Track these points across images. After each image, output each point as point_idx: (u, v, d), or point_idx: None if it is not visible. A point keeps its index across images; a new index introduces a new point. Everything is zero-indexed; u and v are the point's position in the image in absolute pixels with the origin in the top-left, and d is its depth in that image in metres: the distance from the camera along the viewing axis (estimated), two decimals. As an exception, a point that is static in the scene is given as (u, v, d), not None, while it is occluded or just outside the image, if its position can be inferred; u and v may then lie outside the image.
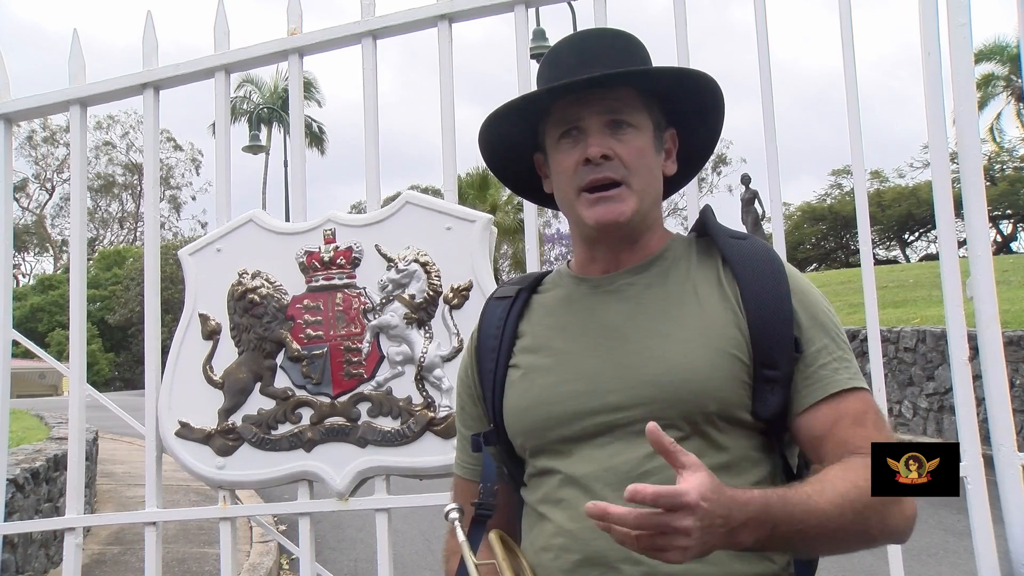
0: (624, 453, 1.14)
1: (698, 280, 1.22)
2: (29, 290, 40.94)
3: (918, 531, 1.19)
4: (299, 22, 2.63)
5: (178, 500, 7.20)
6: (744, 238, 1.26)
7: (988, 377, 2.21)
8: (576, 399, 1.18)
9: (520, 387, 1.23)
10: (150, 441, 2.59)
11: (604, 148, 1.18)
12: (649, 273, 1.24)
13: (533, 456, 1.21)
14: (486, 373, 1.27)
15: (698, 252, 1.26)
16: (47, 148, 44.75)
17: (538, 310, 1.29)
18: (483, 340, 1.30)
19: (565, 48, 1.26)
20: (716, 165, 39.68)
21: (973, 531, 2.19)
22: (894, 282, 14.36)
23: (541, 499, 1.19)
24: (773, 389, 1.15)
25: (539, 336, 1.26)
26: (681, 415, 1.14)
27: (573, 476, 1.16)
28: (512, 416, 1.23)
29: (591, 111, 1.20)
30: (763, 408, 1.15)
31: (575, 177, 1.21)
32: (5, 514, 2.74)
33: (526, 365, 1.24)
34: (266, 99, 33.14)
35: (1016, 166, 30.23)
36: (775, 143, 2.38)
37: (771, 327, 1.16)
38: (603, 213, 1.19)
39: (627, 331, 1.20)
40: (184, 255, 2.66)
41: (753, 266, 1.21)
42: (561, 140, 1.22)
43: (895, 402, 9.52)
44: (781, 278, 1.20)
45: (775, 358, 1.15)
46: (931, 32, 2.29)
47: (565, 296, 1.28)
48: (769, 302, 1.17)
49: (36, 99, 2.83)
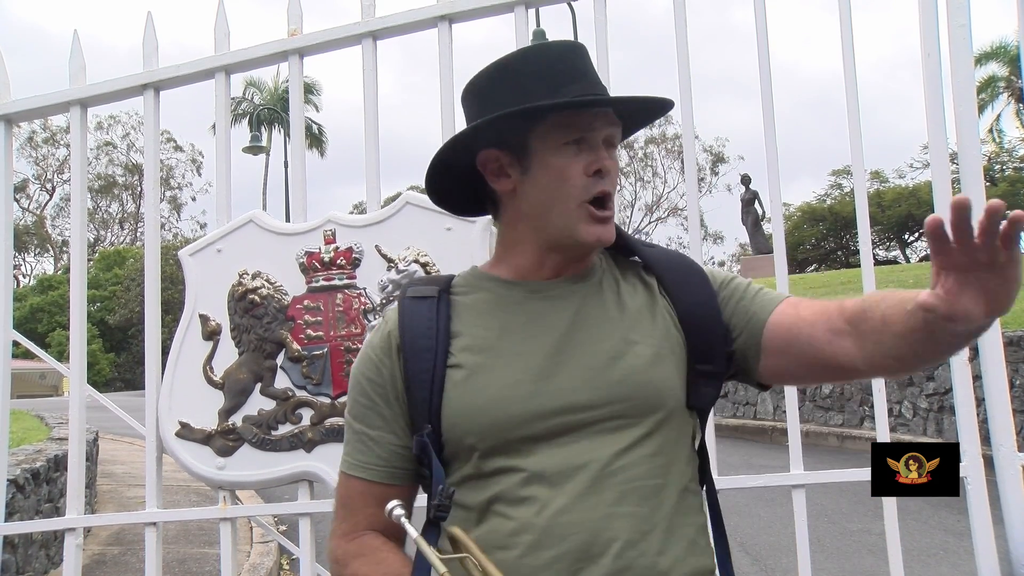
0: (592, 451, 1.17)
1: (634, 290, 1.29)
2: (29, 291, 40.97)
3: (918, 531, 1.20)
4: (299, 23, 2.63)
5: (178, 500, 7.20)
6: (655, 247, 1.36)
7: (988, 377, 2.21)
8: (537, 398, 1.19)
9: (470, 387, 1.22)
10: (150, 442, 2.60)
11: (613, 163, 1.25)
12: (588, 282, 1.28)
13: (485, 456, 1.20)
14: (419, 373, 1.24)
15: (618, 263, 1.33)
16: (47, 149, 44.82)
17: (466, 311, 1.28)
18: (411, 339, 1.26)
19: (555, 56, 1.26)
20: (714, 164, 39.69)
21: (973, 531, 2.19)
22: (894, 282, 14.35)
23: (494, 498, 1.19)
24: (707, 382, 1.26)
25: (479, 337, 1.25)
26: (644, 413, 1.20)
27: (540, 473, 1.17)
28: (462, 416, 1.21)
29: (600, 125, 1.23)
30: (699, 399, 1.26)
31: (582, 187, 1.22)
32: (5, 515, 2.75)
33: (471, 365, 1.23)
34: (266, 100, 33.16)
35: (1016, 167, 30.24)
36: (775, 144, 2.38)
37: (704, 325, 1.26)
38: (603, 233, 1.23)
39: (582, 333, 1.23)
40: (184, 256, 2.67)
41: (677, 271, 1.31)
42: (566, 146, 1.22)
43: (895, 402, 9.52)
44: (704, 279, 1.30)
45: (710, 354, 1.25)
46: (931, 33, 2.29)
47: (496, 299, 1.28)
48: (699, 302, 1.27)
49: (36, 100, 2.83)
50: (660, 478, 1.18)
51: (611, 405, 1.19)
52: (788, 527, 2.62)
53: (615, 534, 1.13)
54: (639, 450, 1.18)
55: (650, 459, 1.18)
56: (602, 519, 1.14)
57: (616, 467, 1.16)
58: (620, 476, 1.16)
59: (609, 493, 1.15)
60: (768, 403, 11.62)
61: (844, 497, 6.83)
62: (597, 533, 1.13)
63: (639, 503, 1.16)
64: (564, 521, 1.13)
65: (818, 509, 6.37)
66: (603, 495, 1.14)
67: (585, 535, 1.13)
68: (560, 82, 1.22)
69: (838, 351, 1.19)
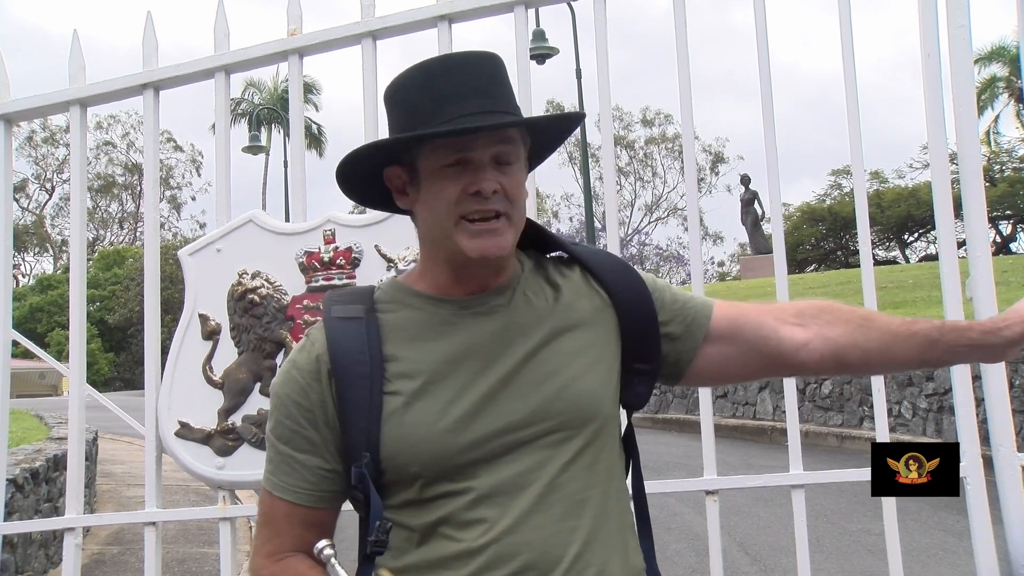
0: (537, 468, 1.18)
1: (560, 293, 1.28)
2: (28, 290, 40.96)
3: (918, 532, 1.20)
4: (299, 23, 2.63)
5: (178, 500, 7.20)
6: (580, 244, 1.37)
7: (988, 377, 2.21)
8: (478, 422, 1.18)
9: (409, 416, 1.19)
10: (150, 441, 2.60)
11: (495, 184, 1.20)
12: (513, 294, 1.27)
13: (430, 483, 1.19)
14: (355, 401, 1.20)
15: (543, 265, 1.32)
16: (47, 148, 44.81)
17: (397, 333, 1.25)
18: (344, 365, 1.22)
19: (439, 73, 1.24)
20: (714, 164, 39.69)
21: (972, 532, 2.20)
22: (894, 283, 14.38)
23: (440, 520, 1.18)
24: (642, 380, 1.29)
25: (414, 360, 1.22)
26: (582, 424, 1.21)
27: (486, 495, 1.17)
28: (404, 446, 1.19)
29: (483, 144, 1.20)
30: (634, 398, 1.29)
31: (457, 206, 1.20)
32: (5, 514, 2.74)
33: (408, 392, 1.20)
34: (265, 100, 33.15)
35: (1016, 167, 30.24)
36: (775, 145, 2.38)
37: (640, 323, 1.28)
38: (487, 246, 1.20)
39: (514, 350, 1.22)
40: (184, 255, 2.67)
41: (614, 271, 1.32)
42: (446, 168, 1.21)
43: (895, 402, 9.52)
44: (637, 276, 1.32)
45: (646, 353, 1.28)
46: (931, 34, 2.30)
47: (424, 318, 1.26)
48: (635, 300, 1.29)
49: (36, 99, 2.83)
50: (600, 487, 1.21)
51: (549, 420, 1.19)
52: (787, 527, 2.62)
53: (563, 550, 1.15)
54: (580, 461, 1.19)
55: (591, 469, 1.20)
56: (550, 536, 1.15)
57: (560, 481, 1.18)
58: (564, 490, 1.17)
59: (556, 508, 1.16)
60: (768, 403, 11.62)
61: (844, 497, 6.83)
62: (546, 551, 1.15)
63: (584, 515, 1.18)
64: (512, 541, 1.14)
65: (818, 509, 6.37)
66: (550, 511, 1.16)
67: (533, 554, 1.14)
68: (447, 102, 1.21)
69: (784, 339, 1.30)
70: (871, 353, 1.29)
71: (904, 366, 1.31)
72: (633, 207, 40.82)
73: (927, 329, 1.28)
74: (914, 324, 1.29)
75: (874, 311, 1.33)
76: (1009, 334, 1.26)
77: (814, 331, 1.29)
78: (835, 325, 1.29)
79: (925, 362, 1.32)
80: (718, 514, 2.33)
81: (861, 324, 1.29)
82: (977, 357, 1.33)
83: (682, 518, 6.57)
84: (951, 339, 1.27)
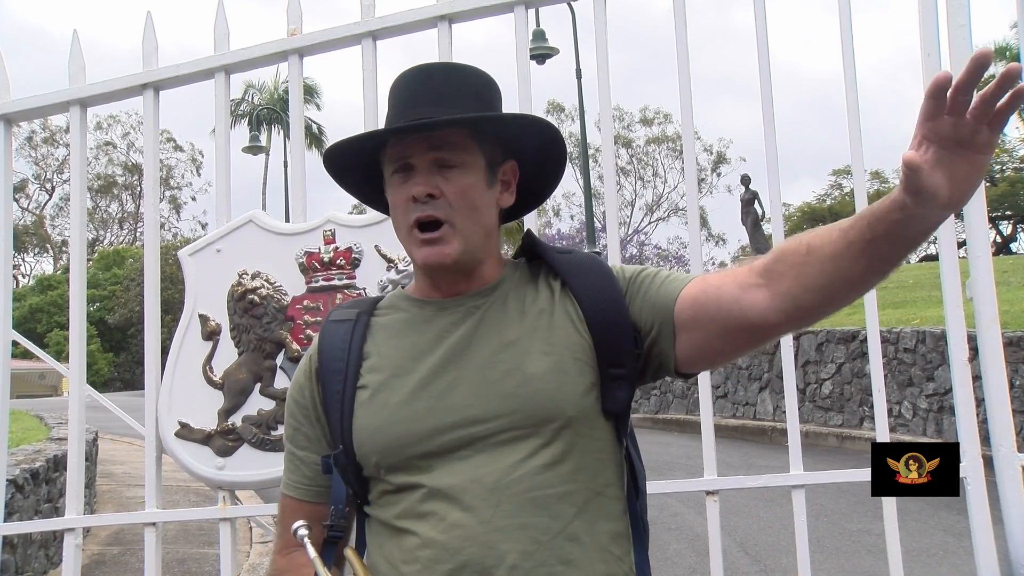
0: (489, 464, 1.18)
1: (538, 297, 1.29)
2: (28, 291, 40.95)
3: (918, 532, 1.20)
4: (299, 23, 2.63)
5: (178, 500, 7.20)
6: (570, 252, 1.34)
7: (988, 378, 2.21)
8: (433, 415, 1.21)
9: (371, 407, 1.24)
10: (150, 442, 2.60)
11: (429, 187, 1.22)
12: (491, 297, 1.29)
13: (389, 473, 1.23)
14: (332, 395, 1.28)
15: (531, 273, 1.33)
16: (47, 149, 44.77)
17: (381, 332, 1.30)
18: (327, 362, 1.30)
19: (401, 83, 1.29)
20: (715, 165, 39.69)
21: (973, 532, 2.20)
22: (894, 283, 14.35)
23: (400, 514, 1.21)
24: (620, 385, 1.25)
25: (385, 356, 1.27)
26: (539, 423, 1.20)
27: (439, 489, 1.18)
28: (365, 435, 1.24)
29: (419, 149, 1.23)
30: (613, 404, 1.25)
31: (405, 214, 1.25)
32: (5, 515, 2.74)
33: (375, 385, 1.25)
34: (265, 100, 33.16)
35: (1016, 167, 30.24)
36: (775, 145, 2.38)
37: (612, 329, 1.25)
38: (429, 255, 1.24)
39: (478, 348, 1.24)
40: (184, 256, 2.67)
41: (585, 276, 1.29)
42: (394, 175, 1.26)
43: (895, 403, 9.52)
44: (611, 282, 1.28)
45: (620, 358, 1.25)
46: (931, 34, 2.30)
47: (408, 318, 1.30)
48: (606, 307, 1.26)
49: (36, 100, 2.83)
50: (562, 486, 1.19)
51: (503, 418, 1.20)
52: (788, 527, 2.62)
53: (509, 547, 1.15)
54: (536, 460, 1.19)
55: (550, 468, 1.19)
56: (495, 532, 1.15)
57: (512, 479, 1.17)
58: (516, 488, 1.17)
59: (506, 506, 1.16)
60: (768, 403, 11.62)
61: (844, 497, 6.83)
62: (490, 546, 1.15)
63: (537, 513, 1.17)
64: (458, 535, 1.16)
65: (818, 509, 6.37)
66: (499, 508, 1.16)
67: (477, 548, 1.15)
68: (404, 108, 1.25)
69: (746, 307, 1.17)
70: (826, 289, 1.14)
71: (862, 280, 1.14)
72: (634, 207, 40.84)
73: (860, 228, 1.10)
74: (848, 231, 1.11)
75: (813, 231, 1.16)
76: (911, 186, 1.01)
77: (773, 289, 1.16)
78: (785, 276, 1.15)
79: (877, 261, 1.13)
80: (718, 514, 2.33)
81: (805, 261, 1.14)
82: (914, 224, 1.07)
83: (682, 518, 6.57)
84: (881, 227, 1.08)
